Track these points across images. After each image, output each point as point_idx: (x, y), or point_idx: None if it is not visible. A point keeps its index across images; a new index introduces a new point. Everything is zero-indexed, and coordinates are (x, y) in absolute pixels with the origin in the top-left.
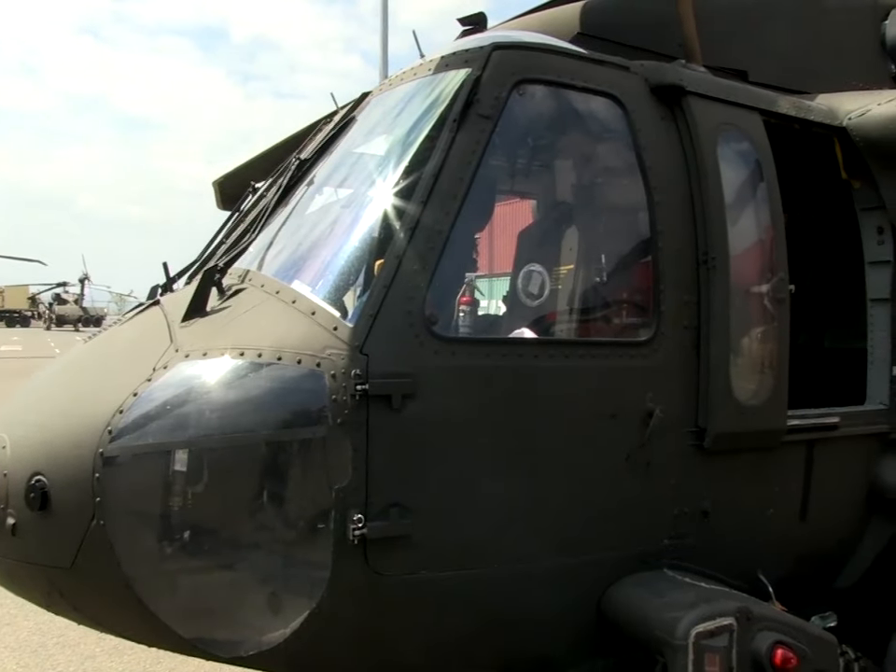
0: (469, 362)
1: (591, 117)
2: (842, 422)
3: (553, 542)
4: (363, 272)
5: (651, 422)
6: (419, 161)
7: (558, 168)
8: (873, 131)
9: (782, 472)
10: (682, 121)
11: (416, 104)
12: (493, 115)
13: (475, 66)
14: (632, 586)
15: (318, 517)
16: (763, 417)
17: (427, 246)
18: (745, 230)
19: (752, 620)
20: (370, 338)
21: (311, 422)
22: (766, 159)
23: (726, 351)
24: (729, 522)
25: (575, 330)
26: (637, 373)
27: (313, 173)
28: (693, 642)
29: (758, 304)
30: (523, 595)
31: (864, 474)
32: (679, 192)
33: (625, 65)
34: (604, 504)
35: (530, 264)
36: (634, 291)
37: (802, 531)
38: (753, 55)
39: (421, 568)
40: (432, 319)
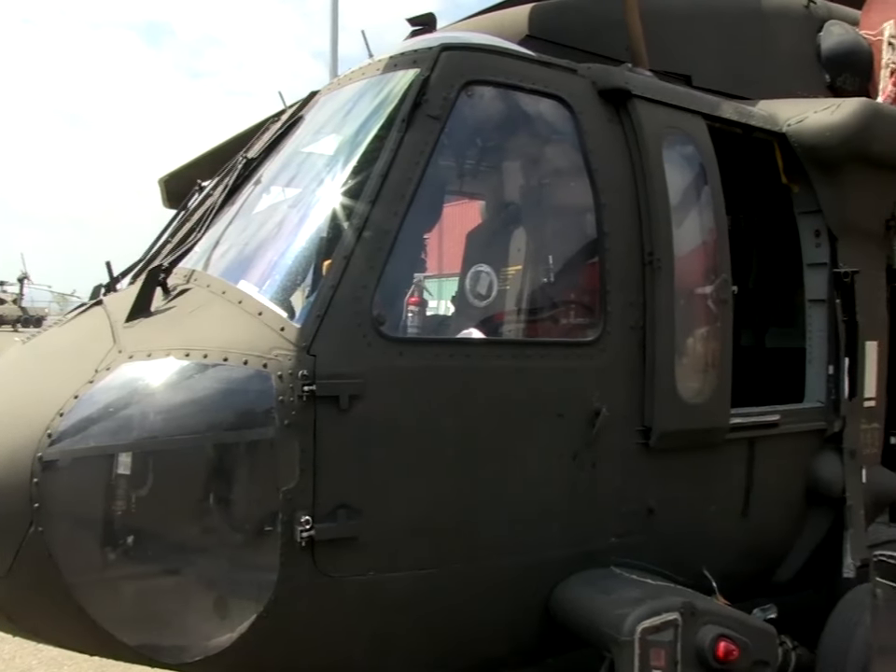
0: (417, 362)
1: (539, 118)
2: (782, 419)
3: (501, 542)
4: (311, 272)
5: (597, 421)
6: (367, 161)
7: (506, 169)
8: (810, 137)
9: (725, 469)
10: (628, 124)
11: (365, 103)
12: (441, 115)
13: (424, 67)
14: (579, 584)
15: (266, 519)
16: (706, 416)
17: (375, 246)
18: (689, 232)
19: (696, 614)
20: (317, 338)
21: (258, 423)
22: (710, 162)
23: (671, 351)
24: (674, 519)
25: (522, 331)
26: (583, 373)
27: (260, 172)
28: (640, 638)
29: (702, 305)
30: (470, 594)
31: (802, 470)
32: (625, 194)
33: (573, 68)
34: (551, 503)
35: (478, 265)
36: (580, 292)
37: (744, 527)
38: (697, 60)
39: (369, 570)
40: (380, 320)
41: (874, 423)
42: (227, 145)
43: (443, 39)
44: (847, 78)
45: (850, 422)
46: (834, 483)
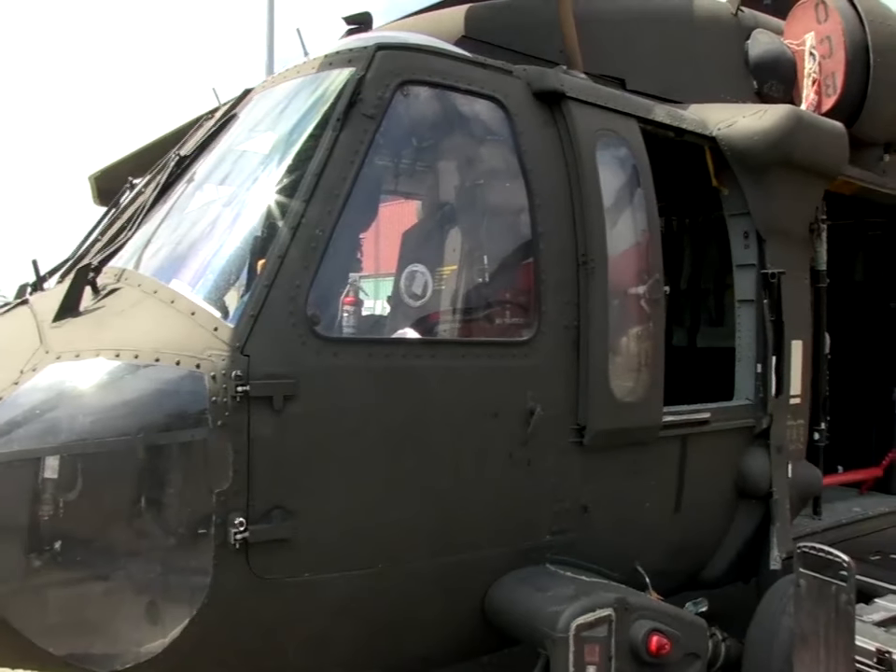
0: (352, 362)
1: (474, 119)
2: (712, 417)
3: (437, 541)
4: (245, 271)
5: (531, 420)
6: (302, 160)
7: (441, 169)
8: (738, 141)
9: (658, 466)
10: (563, 126)
11: (300, 102)
12: (376, 115)
13: (359, 66)
14: (515, 582)
15: (199, 522)
16: (639, 414)
17: (310, 246)
18: (622, 233)
19: (630, 610)
20: (251, 339)
21: (190, 424)
22: (643, 164)
23: (604, 350)
24: (608, 516)
25: (458, 331)
26: (518, 373)
27: (193, 169)
28: (574, 634)
29: (635, 305)
30: (406, 594)
31: (732, 466)
32: (560, 195)
33: (508, 69)
34: (487, 502)
35: (413, 265)
36: (515, 292)
37: (676, 522)
38: (631, 64)
39: (304, 571)
40: (315, 319)
41: (799, 419)
42: (160, 142)
43: (379, 39)
44: (774, 85)
45: (777, 419)
46: (762, 479)
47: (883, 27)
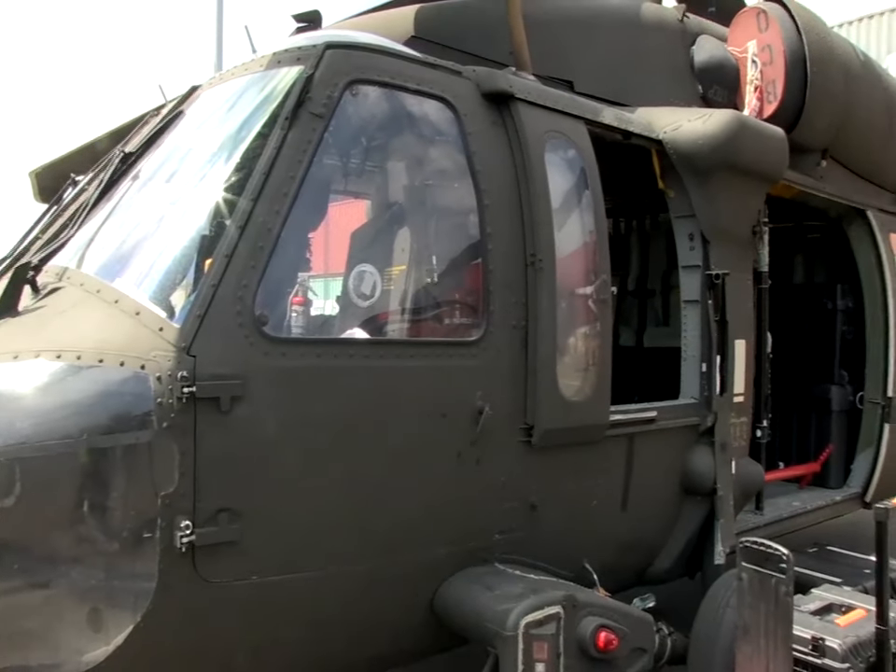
0: (300, 363)
1: (423, 119)
2: (659, 416)
3: (386, 542)
4: (191, 271)
5: (480, 420)
6: (249, 159)
7: (390, 169)
8: (684, 145)
9: (605, 465)
10: (511, 127)
11: (247, 100)
12: (325, 114)
13: (308, 64)
14: (464, 582)
15: (144, 526)
16: (587, 413)
17: (257, 245)
18: (570, 233)
19: (578, 607)
20: (197, 339)
21: (135, 426)
22: (591, 166)
23: (552, 350)
24: (556, 514)
25: (406, 330)
26: (466, 372)
27: (138, 167)
28: (523, 632)
29: (582, 305)
30: (355, 595)
31: (678, 464)
32: (508, 196)
33: (458, 70)
34: (435, 502)
35: (362, 265)
36: (464, 292)
37: (623, 520)
38: (579, 67)
39: (252, 574)
40: (262, 320)
41: (742, 417)
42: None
43: (328, 37)
44: (718, 91)
45: (721, 417)
46: (707, 476)
47: (818, 38)
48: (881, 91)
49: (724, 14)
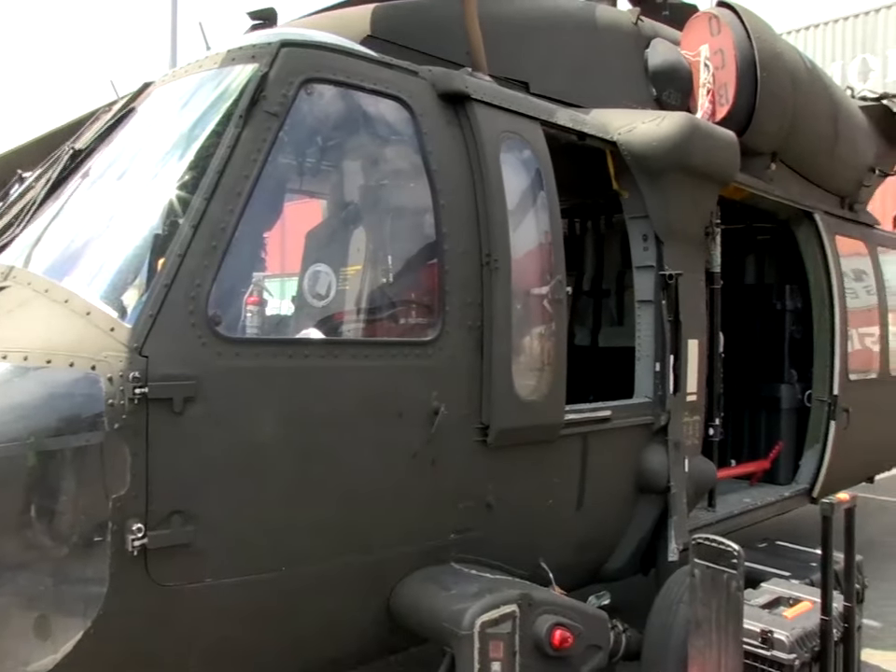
0: (255, 363)
1: (379, 119)
2: (613, 415)
3: (342, 542)
4: (144, 270)
5: (436, 420)
6: (203, 157)
7: (346, 169)
8: (638, 146)
9: (560, 464)
10: (467, 128)
11: (201, 97)
12: (280, 112)
13: (262, 63)
14: (420, 581)
15: (94, 529)
16: (542, 413)
17: (211, 245)
18: (526, 234)
19: (533, 605)
20: (149, 339)
21: (85, 428)
22: (546, 167)
23: (508, 350)
24: (512, 513)
25: (362, 331)
26: (422, 373)
27: (88, 164)
28: (479, 631)
29: (537, 305)
30: (311, 596)
31: (632, 462)
32: (464, 196)
33: (414, 70)
34: (392, 502)
35: (317, 264)
36: (419, 292)
37: (578, 518)
38: (535, 68)
39: (206, 577)
40: (216, 320)
41: (695, 416)
42: (53, 134)
43: (283, 35)
44: (671, 94)
45: (675, 415)
46: (661, 474)
47: (768, 44)
48: (826, 98)
49: (677, 18)
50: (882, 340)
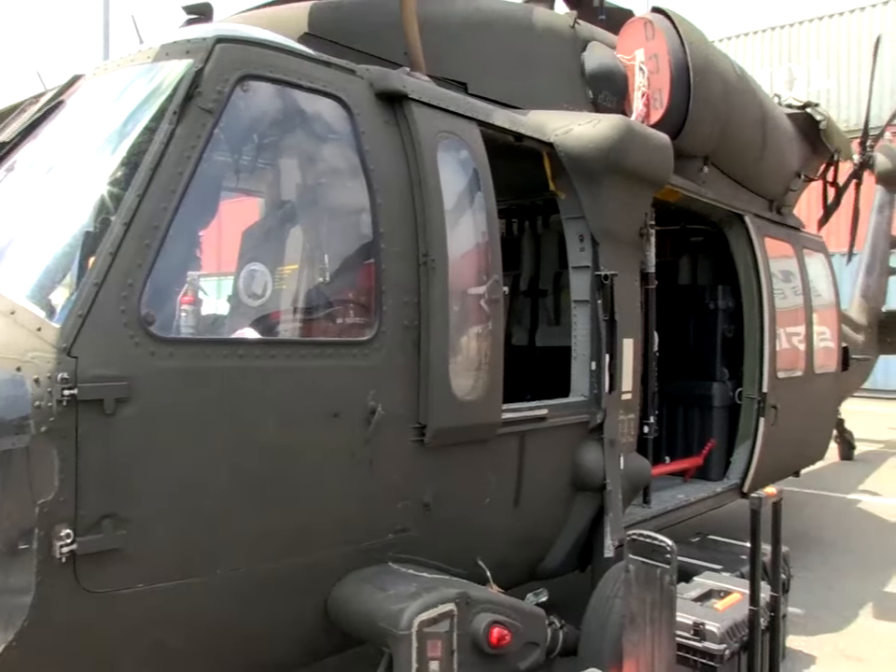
0: (189, 363)
1: (316, 117)
2: (550, 414)
3: (278, 544)
4: (74, 268)
5: (373, 420)
6: (136, 153)
7: (283, 167)
8: (574, 148)
9: (497, 463)
10: (405, 127)
11: (134, 92)
12: (215, 109)
13: (197, 58)
14: (357, 582)
15: (19, 536)
16: (479, 412)
17: (143, 243)
18: (463, 233)
19: (471, 604)
20: (79, 339)
21: (10, 431)
22: (483, 167)
23: (445, 349)
24: (449, 513)
25: (298, 330)
26: (359, 372)
27: (13, 157)
28: (417, 631)
29: (475, 305)
30: (248, 599)
31: (569, 460)
32: (401, 196)
33: (351, 68)
34: (329, 503)
35: (253, 263)
36: (356, 291)
37: (516, 517)
38: (473, 69)
39: (138, 582)
40: (149, 319)
41: (630, 414)
42: None
43: (219, 31)
44: (607, 96)
45: (610, 414)
46: (597, 472)
47: (700, 50)
48: (756, 104)
49: (613, 22)
50: (807, 339)
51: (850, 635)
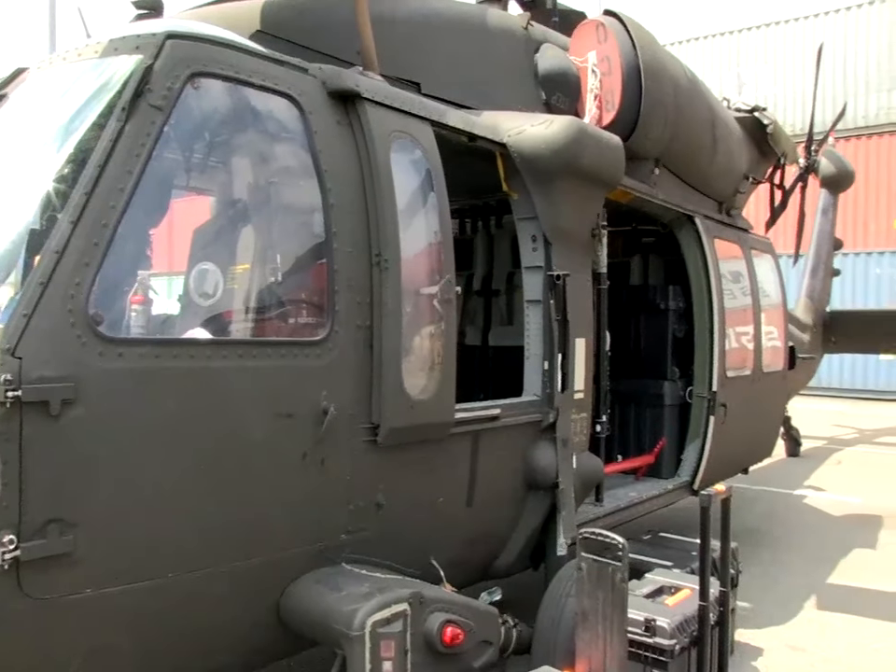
0: (138, 364)
1: (268, 116)
2: (503, 413)
3: (230, 546)
4: (19, 267)
5: (325, 420)
6: (83, 149)
7: (234, 166)
8: (527, 148)
9: (451, 462)
10: (357, 127)
11: (81, 87)
12: (165, 106)
13: (147, 54)
14: (310, 583)
15: None
16: (432, 411)
17: (91, 241)
18: (416, 233)
19: (424, 604)
20: (23, 340)
21: None
22: (436, 167)
23: (398, 349)
24: (402, 513)
25: (250, 330)
26: (311, 372)
27: None
28: (370, 631)
29: (427, 305)
30: (200, 603)
31: (522, 459)
32: (354, 195)
33: (304, 67)
34: (281, 504)
35: (204, 263)
36: (309, 291)
37: (469, 516)
38: (426, 69)
39: (86, 587)
40: (97, 319)
41: (582, 413)
42: None
43: (169, 27)
44: (560, 98)
45: (563, 413)
46: (549, 470)
47: (651, 53)
48: (705, 107)
49: (566, 25)
50: (756, 339)
51: (795, 626)
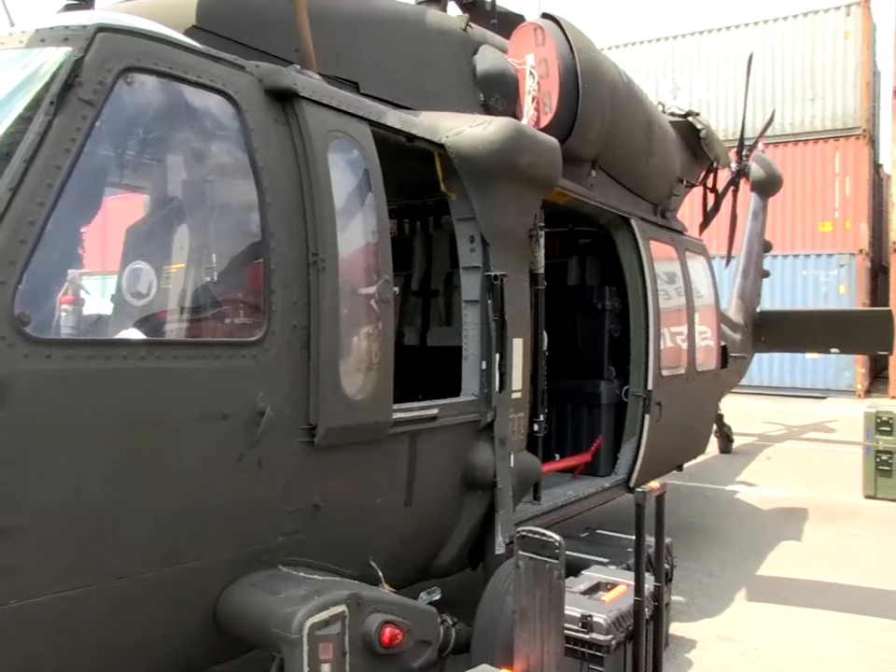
0: (68, 365)
1: (203, 113)
2: (441, 413)
3: (164, 551)
4: None
5: (262, 421)
6: (7, 144)
7: (168, 163)
8: (465, 149)
9: (389, 463)
10: (295, 126)
11: (5, 79)
12: (96, 101)
13: (77, 47)
14: (247, 587)
15: None
16: (370, 412)
17: (17, 239)
18: (353, 234)
19: (363, 605)
20: None
21: None
22: (374, 167)
23: (335, 350)
24: (340, 514)
25: (184, 331)
26: (247, 373)
27: None
28: (308, 634)
29: (365, 305)
30: (133, 610)
31: (460, 459)
32: (291, 195)
33: (241, 64)
34: (216, 506)
35: (138, 262)
36: (244, 291)
37: (407, 516)
38: (365, 68)
39: (11, 598)
40: (24, 319)
41: (520, 412)
42: None
43: (100, 19)
44: (498, 99)
45: (500, 413)
46: (487, 470)
47: (588, 56)
48: (641, 111)
49: (505, 26)
50: (689, 338)
51: (726, 617)
